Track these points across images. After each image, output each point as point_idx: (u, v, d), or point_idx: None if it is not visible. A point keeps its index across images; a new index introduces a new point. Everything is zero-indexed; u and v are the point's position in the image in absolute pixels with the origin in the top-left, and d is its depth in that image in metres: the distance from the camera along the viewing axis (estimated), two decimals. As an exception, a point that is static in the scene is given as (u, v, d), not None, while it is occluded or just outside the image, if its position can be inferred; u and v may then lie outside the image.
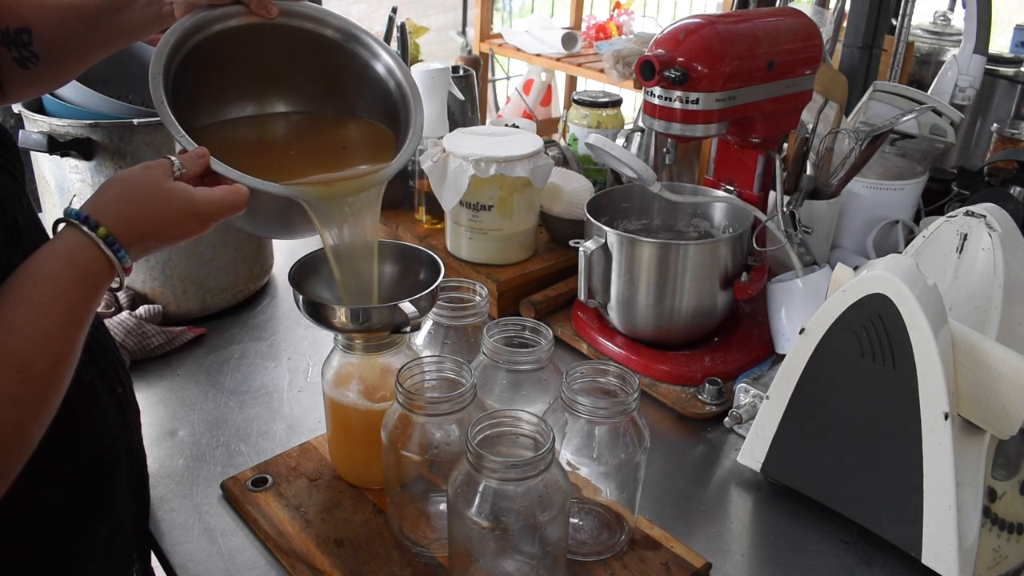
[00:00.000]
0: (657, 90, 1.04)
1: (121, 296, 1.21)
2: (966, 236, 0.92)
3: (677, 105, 1.03)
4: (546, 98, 3.78)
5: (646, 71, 1.01)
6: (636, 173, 1.10)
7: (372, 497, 0.91)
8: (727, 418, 1.03)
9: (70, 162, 1.12)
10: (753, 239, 1.14)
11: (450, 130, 1.44)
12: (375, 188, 0.84)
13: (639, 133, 1.44)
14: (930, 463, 0.80)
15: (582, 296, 1.16)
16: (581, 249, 1.12)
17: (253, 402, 1.10)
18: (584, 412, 0.79)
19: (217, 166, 0.74)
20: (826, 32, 1.50)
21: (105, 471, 0.79)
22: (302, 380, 1.15)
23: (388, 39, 1.67)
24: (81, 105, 1.12)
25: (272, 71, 0.92)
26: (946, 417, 0.79)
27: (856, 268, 0.89)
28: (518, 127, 1.44)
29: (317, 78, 0.94)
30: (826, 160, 1.29)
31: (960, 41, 1.59)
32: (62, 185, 1.16)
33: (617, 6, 3.62)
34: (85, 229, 0.63)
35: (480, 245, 1.30)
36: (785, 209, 1.15)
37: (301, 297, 0.86)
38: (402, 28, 1.62)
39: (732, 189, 1.19)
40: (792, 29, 1.10)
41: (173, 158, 0.71)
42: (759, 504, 0.95)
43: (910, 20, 1.58)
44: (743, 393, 1.02)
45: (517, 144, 1.27)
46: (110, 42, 0.86)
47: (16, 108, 1.12)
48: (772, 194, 1.16)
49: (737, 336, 1.20)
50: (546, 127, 2.90)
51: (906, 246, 1.02)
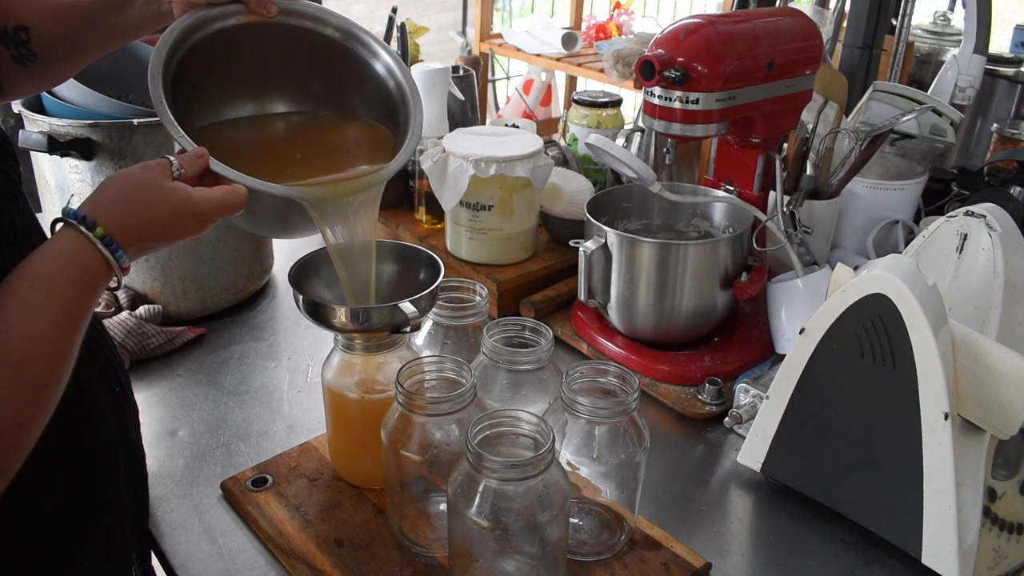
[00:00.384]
0: (657, 90, 1.04)
1: (121, 296, 1.21)
2: (966, 236, 0.92)
3: (677, 105, 1.03)
4: (546, 98, 3.78)
5: (646, 71, 1.01)
6: (636, 173, 1.10)
7: (372, 497, 0.91)
8: (727, 418, 1.03)
9: (70, 162, 1.12)
10: (753, 239, 1.14)
11: (450, 130, 1.44)
12: (374, 188, 0.84)
13: (639, 133, 1.44)
14: (930, 463, 0.80)
15: (582, 296, 1.16)
16: (581, 249, 1.12)
17: (253, 402, 1.10)
18: (584, 412, 0.79)
19: (216, 166, 0.74)
20: (826, 32, 1.50)
21: (103, 470, 0.79)
22: (302, 380, 1.15)
23: (388, 39, 1.67)
24: (81, 105, 1.12)
25: (271, 70, 0.92)
26: (946, 417, 0.79)
27: (856, 268, 0.89)
28: (518, 127, 1.44)
29: (316, 77, 0.94)
30: (826, 160, 1.29)
31: (960, 41, 1.59)
32: (62, 185, 1.16)
33: (617, 6, 3.62)
34: (82, 229, 0.63)
35: (480, 245, 1.30)
36: (785, 209, 1.15)
37: (301, 297, 0.86)
38: (402, 28, 1.62)
39: (732, 189, 1.19)
40: (792, 29, 1.10)
41: (172, 158, 0.71)
42: (759, 504, 0.95)
43: (910, 20, 1.58)
44: (743, 393, 1.02)
45: (517, 144, 1.27)
46: (108, 40, 0.86)
47: (16, 108, 1.12)
48: (772, 194, 1.16)
49: (737, 336, 1.20)
50: (546, 127, 2.90)
51: (906, 246, 1.02)
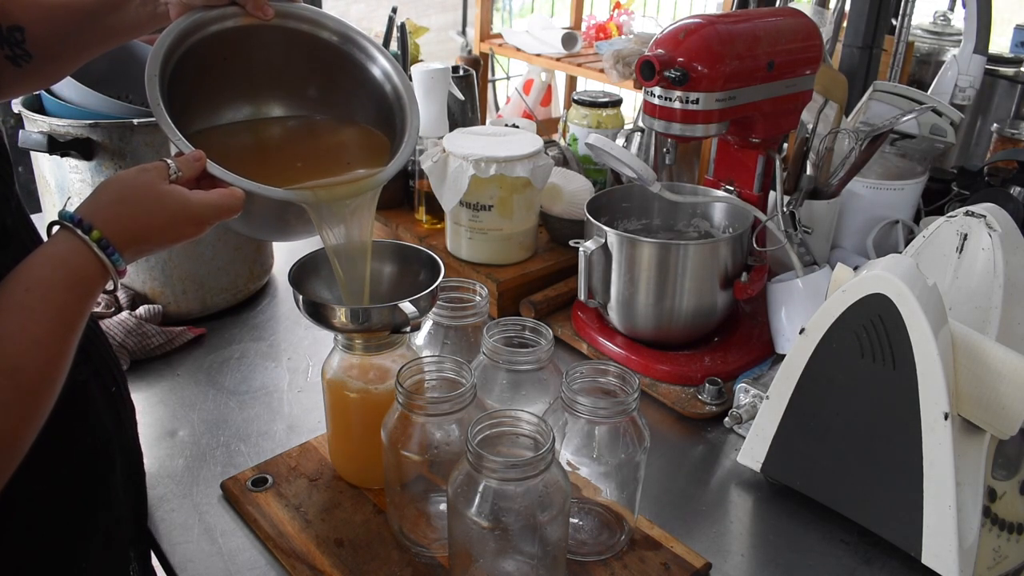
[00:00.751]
0: (657, 90, 1.04)
1: (121, 296, 1.21)
2: (966, 236, 0.92)
3: (677, 105, 1.03)
4: (546, 98, 3.78)
5: (646, 71, 1.01)
6: (636, 173, 1.10)
7: (372, 497, 0.91)
8: (727, 418, 1.03)
9: (70, 162, 1.12)
10: (753, 239, 1.14)
11: (450, 130, 1.44)
12: (370, 192, 0.84)
13: (639, 133, 1.44)
14: (930, 463, 0.80)
15: (582, 296, 1.16)
16: (581, 249, 1.12)
17: (253, 402, 1.10)
18: (584, 412, 0.79)
19: (213, 169, 0.74)
20: (826, 32, 1.49)
21: (100, 470, 0.79)
22: (302, 380, 1.15)
23: (388, 39, 1.67)
24: (81, 105, 1.12)
25: (268, 73, 0.92)
26: (946, 417, 0.79)
27: (856, 268, 0.89)
28: (518, 127, 1.44)
29: (313, 79, 0.94)
30: (826, 160, 1.29)
31: (960, 41, 1.59)
32: (62, 185, 1.16)
33: (617, 6, 3.62)
34: (79, 232, 0.63)
35: (480, 245, 1.30)
36: (785, 209, 1.15)
37: (301, 297, 0.86)
38: (402, 28, 1.62)
39: (732, 189, 1.19)
40: (792, 29, 1.10)
41: (169, 161, 0.71)
42: (759, 504, 0.95)
43: (910, 20, 1.58)
44: (743, 393, 1.02)
45: (517, 144, 1.27)
46: (104, 41, 0.85)
47: (16, 108, 1.12)
48: (772, 194, 1.16)
49: (737, 336, 1.20)
50: (546, 127, 2.90)
51: (906, 246, 1.02)
